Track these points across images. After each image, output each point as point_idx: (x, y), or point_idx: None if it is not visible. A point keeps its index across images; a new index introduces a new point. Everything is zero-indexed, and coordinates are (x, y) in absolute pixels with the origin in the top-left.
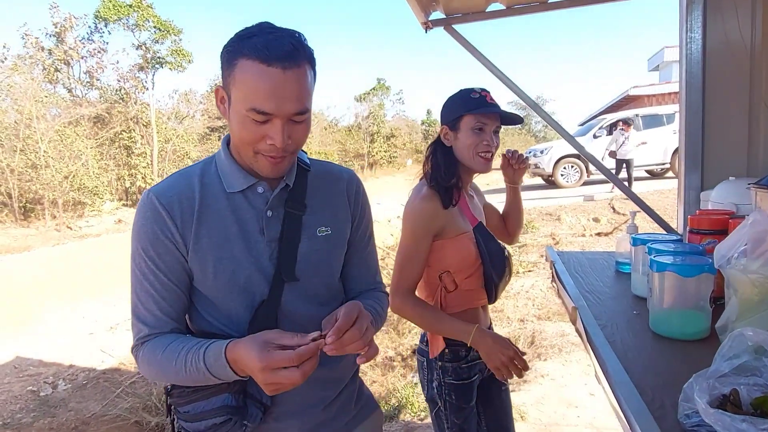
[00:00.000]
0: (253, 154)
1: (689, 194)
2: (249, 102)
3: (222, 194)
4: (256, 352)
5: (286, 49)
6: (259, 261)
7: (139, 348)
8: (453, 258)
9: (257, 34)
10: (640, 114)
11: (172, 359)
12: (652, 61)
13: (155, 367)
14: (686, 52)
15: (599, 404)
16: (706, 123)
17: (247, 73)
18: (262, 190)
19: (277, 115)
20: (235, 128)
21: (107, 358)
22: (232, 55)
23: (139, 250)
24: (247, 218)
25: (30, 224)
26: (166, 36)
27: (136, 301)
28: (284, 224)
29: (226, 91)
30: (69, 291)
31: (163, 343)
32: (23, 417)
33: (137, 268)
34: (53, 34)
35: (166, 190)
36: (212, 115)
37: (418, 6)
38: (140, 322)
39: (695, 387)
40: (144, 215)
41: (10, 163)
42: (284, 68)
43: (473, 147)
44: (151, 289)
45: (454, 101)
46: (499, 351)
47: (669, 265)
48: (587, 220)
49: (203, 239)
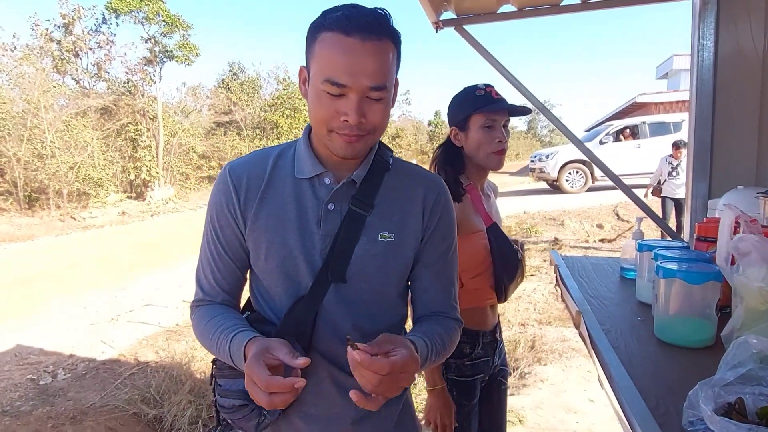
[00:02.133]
0: (327, 133)
1: (697, 202)
2: (325, 73)
3: (290, 178)
4: (251, 356)
5: (368, 20)
6: (310, 253)
7: (193, 310)
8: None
9: (342, 9)
10: (647, 122)
11: (209, 334)
12: (660, 68)
13: (198, 334)
14: (698, 59)
15: (599, 410)
16: (716, 131)
17: (326, 45)
18: (329, 181)
19: (353, 88)
20: (312, 106)
21: (107, 349)
22: (315, 29)
23: (208, 217)
24: (307, 207)
25: (34, 214)
26: (175, 30)
27: (199, 264)
28: (344, 221)
29: (307, 68)
30: (71, 281)
31: (209, 314)
32: (22, 405)
33: (205, 235)
34: (62, 25)
35: (241, 165)
36: (218, 110)
37: (430, 5)
38: (198, 286)
39: (700, 394)
40: (217, 186)
41: (16, 152)
42: (363, 39)
43: (485, 145)
44: (210, 258)
45: (460, 101)
46: (442, 412)
47: (676, 271)
48: (591, 226)
49: (261, 220)
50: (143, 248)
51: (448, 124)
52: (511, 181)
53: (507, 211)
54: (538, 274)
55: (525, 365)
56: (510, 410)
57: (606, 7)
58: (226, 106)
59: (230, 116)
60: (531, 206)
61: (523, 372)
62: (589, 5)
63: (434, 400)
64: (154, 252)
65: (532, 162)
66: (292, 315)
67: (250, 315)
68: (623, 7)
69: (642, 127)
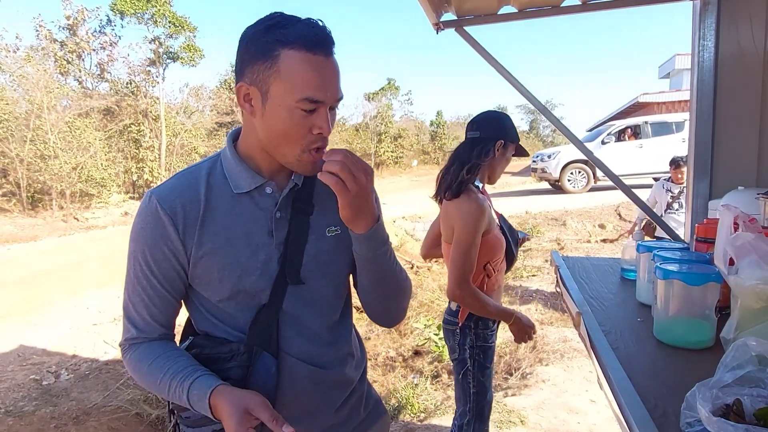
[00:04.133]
0: (299, 153)
1: (697, 202)
2: (299, 92)
3: (228, 195)
4: (235, 420)
5: (325, 35)
6: (266, 265)
7: (126, 349)
8: (493, 249)
9: (287, 24)
10: (649, 121)
11: (156, 377)
12: (662, 68)
13: (140, 376)
14: (698, 59)
15: (600, 411)
16: (717, 131)
17: (293, 63)
18: (271, 190)
19: (325, 103)
20: (277, 124)
21: (110, 349)
22: (268, 47)
23: (136, 253)
24: (253, 220)
25: (37, 214)
26: (181, 32)
27: (128, 301)
28: (291, 225)
29: (259, 86)
30: (74, 282)
31: (151, 354)
32: (25, 405)
33: (132, 270)
34: (65, 27)
35: (170, 193)
36: (221, 110)
37: (430, 7)
38: (130, 323)
39: (698, 396)
40: (144, 219)
41: (19, 153)
42: (326, 55)
43: (504, 167)
44: (143, 294)
45: (511, 125)
46: (524, 330)
47: (675, 272)
48: (593, 226)
49: (207, 244)
50: None
51: (489, 133)
52: (513, 181)
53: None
54: (539, 275)
55: (526, 366)
56: (511, 411)
57: (606, 8)
58: (228, 107)
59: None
60: (533, 206)
61: (525, 372)
62: (589, 6)
63: (515, 328)
64: None
65: (534, 162)
66: (256, 325)
67: (195, 339)
68: (624, 8)
69: (644, 127)
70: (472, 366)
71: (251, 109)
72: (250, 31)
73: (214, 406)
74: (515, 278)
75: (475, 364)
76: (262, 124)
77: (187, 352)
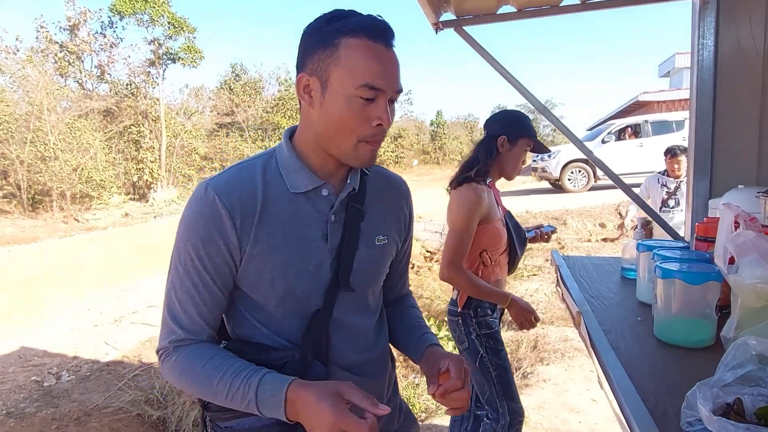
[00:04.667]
0: (355, 143)
1: (697, 201)
2: (360, 78)
3: (285, 195)
4: (329, 405)
5: (386, 27)
6: (318, 269)
7: (170, 352)
8: (491, 239)
9: (348, 15)
10: (649, 120)
11: (213, 378)
12: (662, 67)
13: (188, 380)
14: (698, 58)
15: (601, 410)
16: (717, 130)
17: (355, 50)
18: (327, 192)
19: (385, 92)
20: (336, 113)
21: (111, 350)
22: (330, 35)
23: (188, 246)
24: (309, 222)
25: (38, 216)
26: (180, 33)
27: (174, 299)
28: (344, 230)
29: (319, 76)
30: (75, 283)
31: (203, 355)
32: (27, 407)
33: (181, 265)
34: (67, 28)
35: (228, 186)
36: (221, 111)
37: (429, 7)
38: (176, 324)
39: (698, 395)
40: (199, 211)
41: (19, 154)
42: (387, 46)
43: (518, 163)
44: (194, 291)
45: (518, 121)
46: (524, 314)
47: (675, 272)
48: (593, 225)
49: (262, 243)
50: (146, 250)
51: (494, 131)
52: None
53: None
54: (540, 274)
55: (527, 365)
56: None
57: (606, 7)
58: (228, 108)
59: (232, 117)
60: (533, 206)
61: (526, 372)
62: (588, 5)
63: (513, 311)
64: (157, 253)
65: (534, 161)
66: (310, 332)
67: (231, 344)
68: (623, 7)
69: (644, 126)
70: (485, 352)
71: (310, 100)
72: (312, 24)
73: (293, 401)
74: (516, 278)
75: (488, 350)
76: (319, 115)
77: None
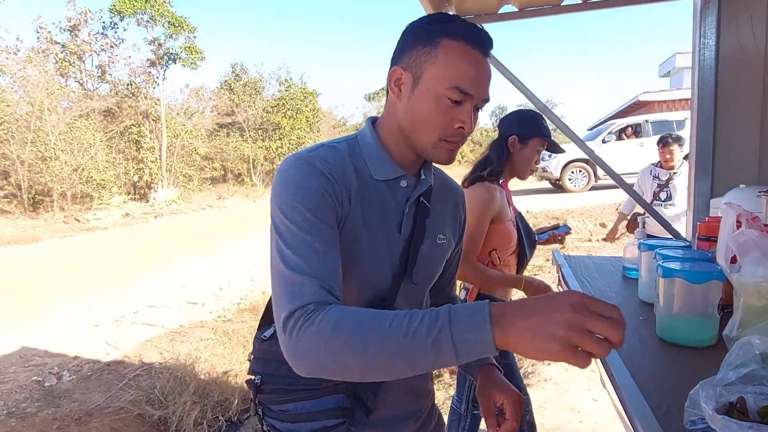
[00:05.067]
0: (435, 141)
1: (699, 201)
2: (452, 80)
3: (369, 180)
4: (576, 297)
5: (487, 37)
6: (392, 258)
7: (310, 313)
8: (501, 239)
9: (453, 20)
10: (650, 120)
11: (383, 319)
12: (663, 66)
13: (346, 329)
14: (699, 57)
15: (602, 410)
16: (718, 129)
17: (452, 53)
18: (406, 184)
19: (474, 98)
20: (422, 109)
21: (112, 350)
22: (432, 34)
23: (293, 203)
24: (388, 210)
25: (38, 216)
26: (180, 32)
27: (296, 260)
28: (414, 224)
29: (413, 71)
30: (76, 283)
31: (357, 309)
32: (28, 406)
33: (293, 223)
34: (67, 29)
35: (327, 158)
36: (221, 111)
37: (430, 6)
38: (307, 277)
39: (701, 394)
40: (302, 171)
41: (20, 154)
42: (483, 54)
43: (530, 163)
44: (316, 243)
45: (529, 120)
46: (540, 293)
47: (677, 271)
48: (594, 225)
49: (354, 221)
50: (147, 250)
51: (505, 131)
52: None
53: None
54: (541, 274)
55: (528, 365)
56: None
57: (607, 6)
58: (229, 108)
59: (233, 117)
60: (534, 205)
61: (527, 372)
62: (590, 5)
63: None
64: (157, 253)
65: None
66: None
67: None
68: (624, 7)
69: (645, 126)
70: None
71: (399, 93)
72: (416, 22)
73: (500, 315)
74: None
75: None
76: (406, 108)
77: None
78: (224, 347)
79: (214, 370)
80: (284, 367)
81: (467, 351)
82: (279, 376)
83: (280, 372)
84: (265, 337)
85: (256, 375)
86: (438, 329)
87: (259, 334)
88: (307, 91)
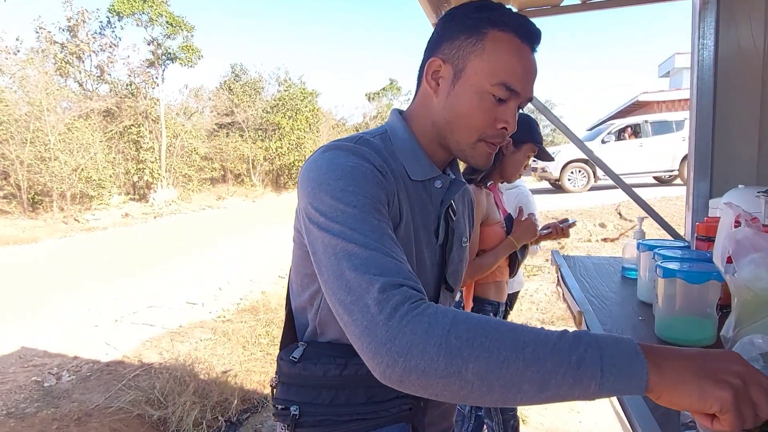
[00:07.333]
0: (474, 141)
1: (697, 201)
2: (500, 76)
3: (405, 180)
4: (731, 353)
5: (537, 31)
6: (432, 265)
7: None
8: (490, 241)
9: (500, 8)
10: (649, 120)
11: (516, 328)
12: (662, 67)
13: (469, 326)
14: (698, 58)
15: (601, 410)
16: (717, 130)
17: (501, 46)
18: (440, 184)
19: (520, 96)
20: (463, 106)
21: (111, 350)
22: (478, 24)
23: (346, 189)
24: (426, 213)
25: (38, 216)
26: (178, 32)
27: (365, 239)
28: (447, 227)
29: (454, 63)
30: (75, 283)
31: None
32: (27, 407)
33: (349, 206)
34: (66, 29)
35: (374, 152)
36: (221, 111)
37: (430, 7)
38: (391, 258)
39: None
40: (350, 160)
41: (19, 154)
42: (532, 49)
43: (520, 167)
44: (383, 225)
45: (524, 125)
46: (527, 231)
47: (676, 271)
48: (593, 225)
49: (401, 227)
50: (146, 250)
51: None
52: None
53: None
54: (540, 274)
55: None
56: None
57: (606, 7)
58: (228, 108)
59: (232, 118)
60: None
61: None
62: (589, 5)
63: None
64: (157, 254)
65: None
66: None
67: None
68: (624, 7)
69: (644, 126)
70: None
71: (436, 87)
72: (458, 9)
73: (652, 351)
74: None
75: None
76: (444, 104)
77: None
78: (224, 347)
79: (214, 371)
80: (326, 394)
81: (613, 380)
82: (321, 405)
83: (321, 400)
84: (295, 358)
85: (291, 405)
86: (584, 347)
87: (285, 356)
88: (306, 91)
